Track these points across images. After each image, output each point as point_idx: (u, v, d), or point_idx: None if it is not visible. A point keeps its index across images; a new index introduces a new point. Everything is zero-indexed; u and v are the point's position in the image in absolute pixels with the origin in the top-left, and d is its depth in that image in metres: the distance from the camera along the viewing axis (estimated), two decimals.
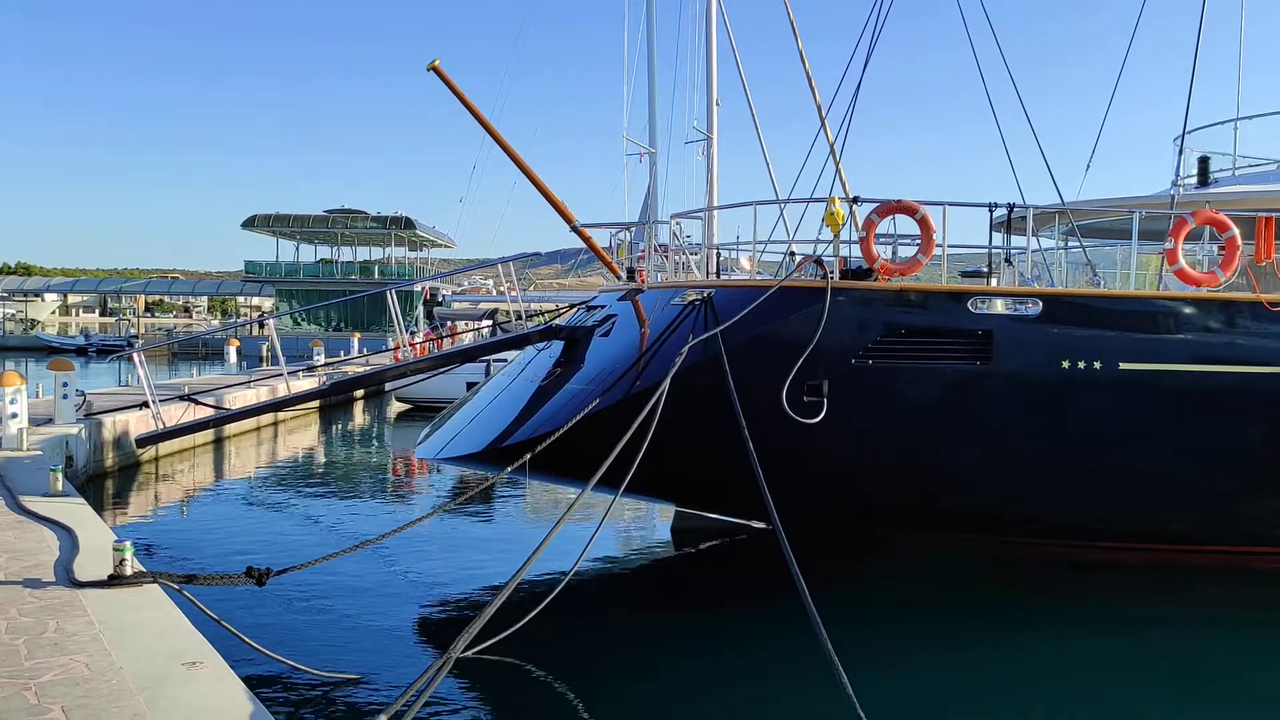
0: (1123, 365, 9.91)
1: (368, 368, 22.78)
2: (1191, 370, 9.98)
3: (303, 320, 66.29)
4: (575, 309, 13.90)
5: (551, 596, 7.54)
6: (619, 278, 12.79)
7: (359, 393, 31.34)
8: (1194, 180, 13.73)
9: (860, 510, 11.09)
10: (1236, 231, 10.07)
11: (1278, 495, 10.64)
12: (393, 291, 13.94)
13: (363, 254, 76.64)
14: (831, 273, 10.14)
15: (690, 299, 10.56)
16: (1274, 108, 14.18)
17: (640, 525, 14.38)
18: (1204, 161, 13.61)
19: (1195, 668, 8.78)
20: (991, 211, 10.69)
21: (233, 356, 41.94)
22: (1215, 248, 10.73)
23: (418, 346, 28.74)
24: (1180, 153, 13.75)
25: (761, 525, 11.97)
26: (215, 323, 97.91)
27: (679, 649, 8.86)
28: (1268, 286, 10.23)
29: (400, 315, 14.32)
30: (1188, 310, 10.04)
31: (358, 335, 46.03)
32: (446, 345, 27.97)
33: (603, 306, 12.16)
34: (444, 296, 46.96)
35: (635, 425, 8.49)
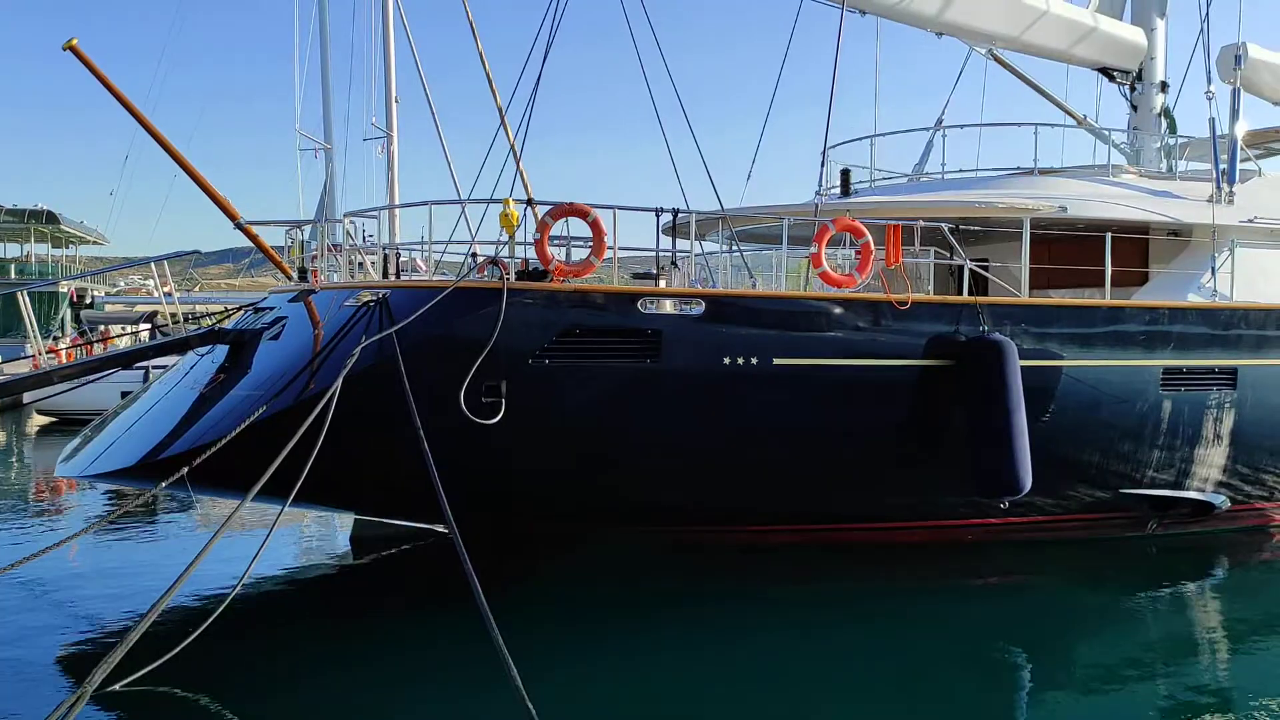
0: (776, 360, 10.70)
1: None
2: (834, 364, 10.95)
3: None
4: (243, 311, 13.13)
5: (213, 618, 7.09)
6: (290, 278, 12.22)
7: None
8: (838, 190, 15.03)
9: (541, 508, 11.25)
10: (870, 238, 11.15)
11: (915, 476, 11.86)
12: (24, 292, 12.52)
13: None
14: (508, 274, 10.23)
15: (365, 300, 10.28)
16: (905, 126, 15.83)
17: (320, 535, 13.84)
18: (845, 174, 14.90)
19: (863, 642, 9.57)
20: (658, 216, 11.19)
21: None
22: (854, 252, 11.80)
23: (62, 353, 26.00)
24: (823, 165, 15.02)
25: (443, 529, 11.87)
26: None
27: (351, 661, 8.59)
28: (897, 288, 11.40)
29: (36, 318, 12.90)
30: (829, 309, 11.00)
31: None
32: (98, 351, 25.51)
33: (272, 308, 11.58)
34: (95, 298, 42.79)
35: (301, 431, 8.15)
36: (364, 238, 15.32)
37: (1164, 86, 16.19)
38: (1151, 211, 13.49)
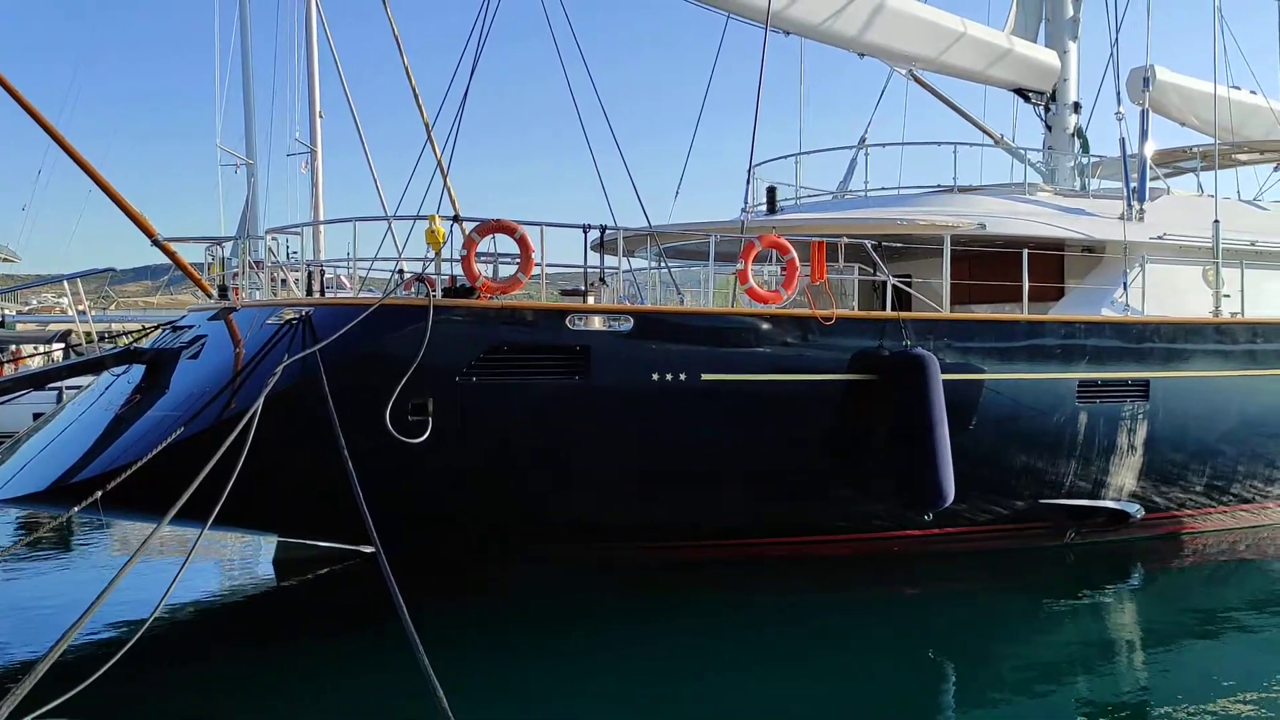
0: (704, 376, 10.76)
1: None
2: (760, 379, 11.05)
3: None
4: (161, 329, 12.82)
5: (127, 647, 6.85)
6: (210, 296, 11.98)
7: None
8: (764, 207, 15.20)
9: (471, 527, 11.15)
10: (795, 254, 11.29)
11: (841, 489, 12.00)
12: None
13: None
14: (435, 291, 10.15)
15: (287, 317, 10.11)
16: (829, 145, 16.09)
17: (242, 558, 13.53)
18: (771, 191, 15.08)
19: (791, 653, 9.65)
20: (586, 233, 11.20)
21: None
22: (780, 268, 11.93)
23: None
24: (749, 182, 15.19)
25: (370, 549, 11.69)
26: None
27: (273, 688, 8.42)
28: (822, 304, 11.55)
29: None
30: (756, 325, 11.10)
31: None
32: (9, 372, 24.69)
33: (191, 326, 11.33)
34: (5, 316, 41.42)
35: (220, 452, 7.98)
36: (287, 254, 15.09)
37: (1077, 107, 16.70)
38: (1066, 228, 13.88)
